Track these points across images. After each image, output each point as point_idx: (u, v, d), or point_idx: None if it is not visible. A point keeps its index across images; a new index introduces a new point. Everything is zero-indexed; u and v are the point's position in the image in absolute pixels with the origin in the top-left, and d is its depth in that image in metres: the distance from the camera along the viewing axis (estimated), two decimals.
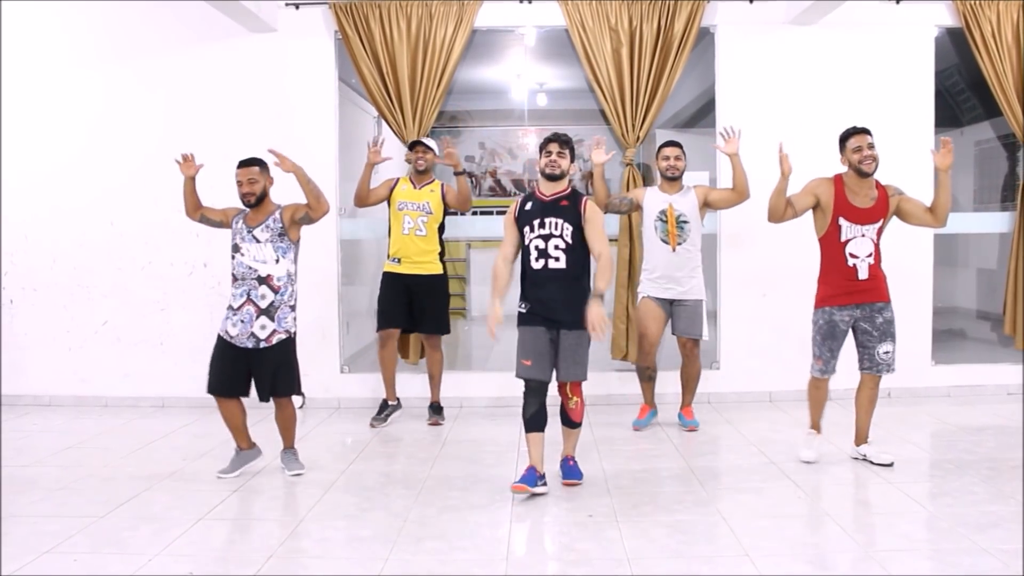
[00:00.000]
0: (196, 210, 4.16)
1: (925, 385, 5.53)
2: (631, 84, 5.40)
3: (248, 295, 3.88)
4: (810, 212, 4.08)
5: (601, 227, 3.74)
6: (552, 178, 3.77)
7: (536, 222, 3.76)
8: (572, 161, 3.82)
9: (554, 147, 3.78)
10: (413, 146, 5.10)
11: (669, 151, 4.80)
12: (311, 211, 3.94)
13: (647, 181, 5.74)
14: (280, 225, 3.91)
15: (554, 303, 3.71)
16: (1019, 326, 5.53)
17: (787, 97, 5.50)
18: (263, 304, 3.87)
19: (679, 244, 4.71)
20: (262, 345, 3.88)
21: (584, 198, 3.80)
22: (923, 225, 4.08)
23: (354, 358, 5.83)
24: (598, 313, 3.53)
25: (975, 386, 5.57)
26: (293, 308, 3.98)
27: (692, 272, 4.76)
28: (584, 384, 3.81)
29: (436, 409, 5.15)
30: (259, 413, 4.35)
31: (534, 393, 3.74)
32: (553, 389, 3.76)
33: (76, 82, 5.60)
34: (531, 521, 3.46)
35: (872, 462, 4.04)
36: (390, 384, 5.13)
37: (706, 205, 4.79)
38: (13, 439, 4.75)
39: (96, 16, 5.59)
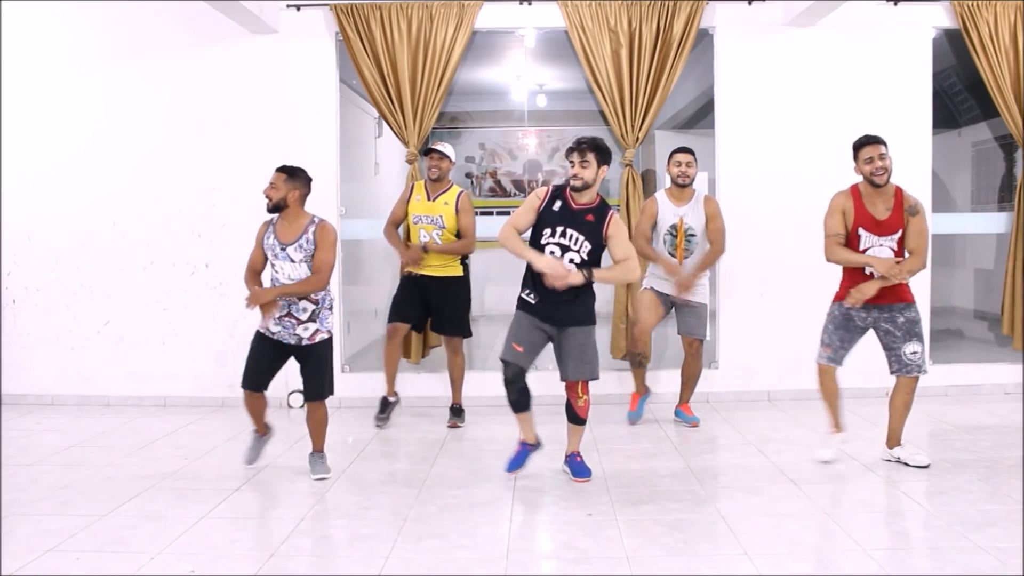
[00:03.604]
0: (259, 272, 4.01)
1: (923, 384, 5.44)
2: (630, 85, 5.42)
3: (289, 308, 3.87)
4: (821, 217, 4.02)
5: (626, 238, 3.72)
6: (576, 189, 3.68)
7: (559, 228, 3.68)
8: (604, 165, 3.63)
9: (575, 157, 3.63)
10: (427, 152, 4.95)
11: (681, 157, 4.73)
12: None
13: (646, 184, 5.75)
14: (313, 247, 3.85)
15: (563, 304, 3.71)
16: (1017, 326, 5.54)
17: (786, 98, 5.52)
18: (304, 316, 3.88)
19: (685, 258, 4.74)
20: (305, 343, 3.90)
21: (611, 213, 3.70)
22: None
23: (355, 358, 5.85)
24: (562, 271, 3.57)
25: (972, 385, 5.59)
26: (331, 308, 3.99)
27: (699, 278, 4.78)
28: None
29: (456, 412, 5.11)
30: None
31: (513, 382, 3.76)
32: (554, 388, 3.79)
33: (78, 83, 5.61)
34: (531, 519, 3.49)
35: (907, 464, 3.99)
36: (391, 379, 5.07)
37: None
38: (16, 438, 4.77)
39: (98, 17, 5.60)
